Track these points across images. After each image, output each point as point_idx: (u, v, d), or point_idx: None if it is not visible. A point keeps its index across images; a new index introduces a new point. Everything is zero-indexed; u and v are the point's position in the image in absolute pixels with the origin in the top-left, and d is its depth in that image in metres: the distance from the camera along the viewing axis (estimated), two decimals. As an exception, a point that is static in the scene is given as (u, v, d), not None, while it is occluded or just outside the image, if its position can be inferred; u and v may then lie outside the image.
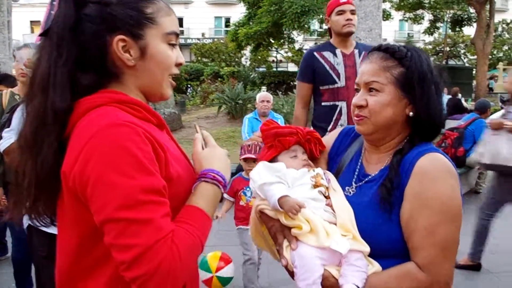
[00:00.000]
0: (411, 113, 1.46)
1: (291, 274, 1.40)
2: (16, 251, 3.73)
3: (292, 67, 33.49)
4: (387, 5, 25.51)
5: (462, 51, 33.56)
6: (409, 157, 1.44)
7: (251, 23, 23.22)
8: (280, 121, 7.24)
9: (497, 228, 4.59)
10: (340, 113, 3.66)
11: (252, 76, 23.88)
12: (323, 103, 3.71)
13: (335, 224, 1.40)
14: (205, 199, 1.22)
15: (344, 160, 1.63)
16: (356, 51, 3.72)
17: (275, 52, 32.01)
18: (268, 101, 6.62)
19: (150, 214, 1.05)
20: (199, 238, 1.14)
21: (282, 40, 25.82)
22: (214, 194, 1.25)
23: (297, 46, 28.99)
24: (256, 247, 3.78)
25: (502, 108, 8.57)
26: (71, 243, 1.17)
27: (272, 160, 1.55)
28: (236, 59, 29.65)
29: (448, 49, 31.43)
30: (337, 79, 3.63)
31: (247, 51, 27.72)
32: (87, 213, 1.09)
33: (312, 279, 1.32)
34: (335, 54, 3.68)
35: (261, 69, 29.83)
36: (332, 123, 3.67)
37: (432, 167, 1.41)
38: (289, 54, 31.63)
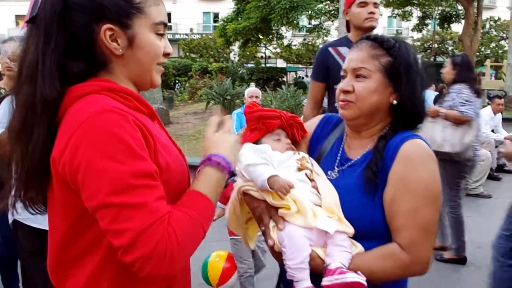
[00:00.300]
0: (395, 101, 1.51)
1: (277, 255, 1.43)
2: (2, 247, 3.70)
3: (281, 63, 33.54)
4: (376, 2, 25.60)
5: (450, 48, 33.74)
6: (393, 142, 1.49)
7: (239, 18, 23.16)
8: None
9: (483, 222, 4.66)
10: None
11: (240, 72, 23.83)
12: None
13: (320, 206, 1.43)
14: (207, 184, 1.21)
15: (326, 145, 1.67)
16: None
17: (264, 48, 31.98)
18: (256, 97, 6.61)
19: (142, 197, 1.05)
20: (199, 222, 1.14)
21: (270, 36, 25.82)
22: (217, 179, 1.24)
23: (285, 42, 29.05)
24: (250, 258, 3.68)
25: (488, 104, 8.69)
26: (60, 230, 1.17)
27: (256, 142, 1.56)
28: (225, 55, 29.59)
29: (436, 46, 31.58)
30: None
31: (235, 47, 27.67)
32: (76, 199, 1.10)
33: (300, 258, 1.35)
34: None
35: (249, 65, 29.79)
36: None
37: (416, 153, 1.47)
38: (278, 50, 31.67)
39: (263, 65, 30.45)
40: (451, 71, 4.59)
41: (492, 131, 8.61)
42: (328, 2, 22.83)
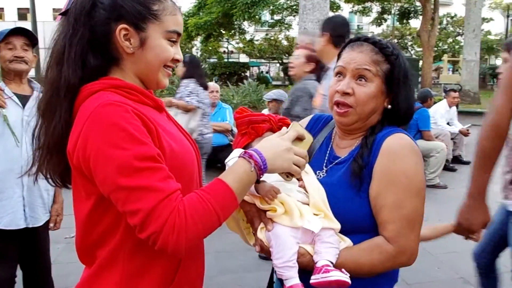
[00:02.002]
0: (389, 106, 1.57)
1: (267, 254, 1.45)
2: None
3: (244, 58, 33.55)
4: (336, -3, 25.90)
5: (409, 43, 34.50)
6: (378, 137, 1.53)
7: (201, 13, 23.00)
8: (229, 111, 7.26)
9: (439, 212, 4.75)
10: None
11: (203, 67, 23.71)
12: None
13: (308, 204, 1.46)
14: (233, 174, 1.27)
15: (315, 145, 1.69)
16: None
17: (226, 42, 31.92)
18: (216, 91, 6.67)
19: (148, 179, 1.15)
20: (212, 206, 1.19)
21: (233, 31, 25.76)
22: (244, 169, 1.27)
23: (248, 37, 29.01)
24: None
25: (444, 97, 8.92)
26: (83, 213, 1.29)
27: (246, 146, 1.57)
28: (187, 50, 29.38)
29: (396, 41, 32.19)
30: None
31: (197, 42, 27.49)
32: (92, 186, 1.22)
33: (287, 257, 1.38)
34: None
35: (212, 60, 29.68)
36: None
37: (398, 146, 1.50)
38: (240, 45, 31.63)
39: (225, 60, 30.39)
40: (182, 69, 5.39)
41: (448, 123, 8.84)
42: (290, -3, 22.97)
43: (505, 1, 29.36)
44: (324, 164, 1.63)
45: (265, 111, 6.57)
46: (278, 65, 36.82)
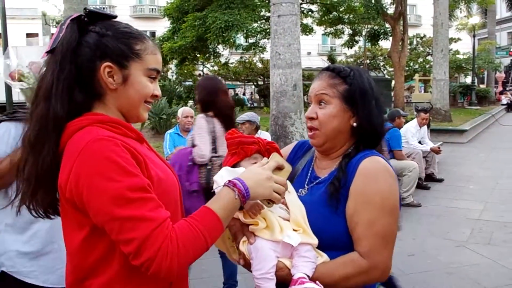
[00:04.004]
0: (355, 124, 1.66)
1: (247, 266, 1.56)
2: None
3: (219, 81, 33.56)
4: (309, 20, 26.30)
5: (382, 63, 35.13)
6: (354, 160, 1.63)
7: (175, 37, 23.11)
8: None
9: (414, 230, 4.80)
10: None
11: (178, 90, 23.71)
12: None
13: (289, 220, 1.56)
14: (219, 202, 1.37)
15: (298, 167, 1.84)
16: None
17: (202, 66, 32.02)
18: (191, 117, 6.56)
19: (140, 209, 1.22)
20: (201, 232, 1.28)
21: (207, 54, 25.89)
22: (229, 198, 1.38)
23: (223, 60, 29.19)
24: None
25: (416, 117, 9.10)
26: (76, 243, 1.34)
27: (235, 165, 1.68)
28: (162, 73, 29.31)
29: (368, 61, 32.82)
30: None
31: (172, 65, 27.52)
32: (85, 218, 1.28)
33: (266, 269, 1.47)
34: None
35: (187, 83, 29.70)
36: None
37: (373, 168, 1.60)
38: (215, 68, 31.78)
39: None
40: None
41: (420, 142, 9.01)
42: (264, 20, 23.27)
43: (470, 22, 30.19)
44: (306, 183, 1.74)
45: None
46: (253, 87, 37.03)
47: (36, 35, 37.38)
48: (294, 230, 1.53)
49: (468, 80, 35.54)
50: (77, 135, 1.31)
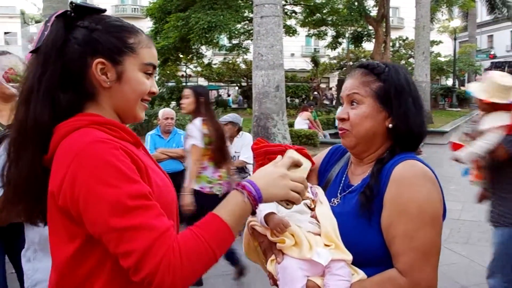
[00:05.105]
0: (390, 125, 1.52)
1: (277, 286, 1.42)
2: None
3: (202, 82, 33.54)
4: (293, 22, 26.36)
5: (364, 66, 35.25)
6: (388, 165, 1.48)
7: (158, 38, 22.95)
8: (183, 136, 7.15)
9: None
10: None
11: (161, 91, 23.60)
12: None
13: (320, 234, 1.42)
14: (226, 207, 1.23)
15: (332, 174, 1.70)
16: None
17: (185, 66, 31.91)
18: (172, 118, 6.50)
19: (141, 218, 1.11)
20: (207, 242, 1.14)
21: (190, 55, 25.81)
22: (236, 201, 1.23)
23: (206, 60, 29.12)
24: None
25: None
26: (64, 255, 1.22)
27: None
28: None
29: (351, 63, 32.94)
30: None
31: (155, 66, 27.33)
32: (79, 228, 1.17)
33: None
34: None
35: (170, 84, 29.58)
36: None
37: (408, 173, 1.44)
38: (199, 68, 31.70)
39: (184, 84, 30.33)
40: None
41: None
42: (247, 21, 23.27)
43: (451, 25, 30.59)
44: (339, 192, 1.61)
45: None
46: (237, 88, 37.00)
47: (14, 34, 36.94)
48: (325, 245, 1.39)
49: (449, 82, 35.95)
50: (72, 137, 1.20)
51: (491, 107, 3.28)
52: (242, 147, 6.28)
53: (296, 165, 1.40)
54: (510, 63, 39.35)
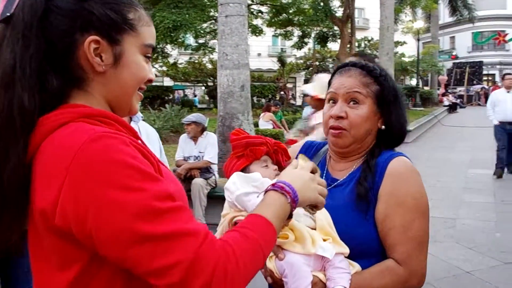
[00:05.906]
0: (383, 126, 1.58)
1: (276, 283, 1.38)
2: None
3: (168, 82, 33.25)
4: (259, 21, 26.36)
5: (331, 65, 35.66)
6: (380, 160, 1.54)
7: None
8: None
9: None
10: None
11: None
12: None
13: (315, 228, 1.40)
14: (268, 207, 1.08)
15: None
16: None
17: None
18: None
19: (176, 222, 0.89)
20: (258, 243, 0.98)
21: (155, 54, 25.49)
22: (280, 203, 1.10)
23: (171, 60, 28.82)
24: None
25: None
26: (60, 286, 0.95)
27: (243, 169, 1.51)
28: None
29: (317, 63, 33.21)
30: None
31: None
32: (81, 252, 0.92)
33: (303, 286, 1.32)
34: None
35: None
36: None
37: (403, 169, 1.52)
38: (164, 68, 31.36)
39: (148, 84, 29.93)
40: None
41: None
42: (213, 21, 23.12)
43: (415, 27, 31.19)
44: None
45: (184, 135, 6.48)
46: (203, 88, 36.79)
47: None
48: (323, 239, 1.38)
49: (413, 82, 36.60)
50: (60, 136, 0.93)
51: (321, 104, 3.40)
52: (206, 147, 6.22)
53: (312, 171, 1.31)
54: (471, 64, 40.56)
